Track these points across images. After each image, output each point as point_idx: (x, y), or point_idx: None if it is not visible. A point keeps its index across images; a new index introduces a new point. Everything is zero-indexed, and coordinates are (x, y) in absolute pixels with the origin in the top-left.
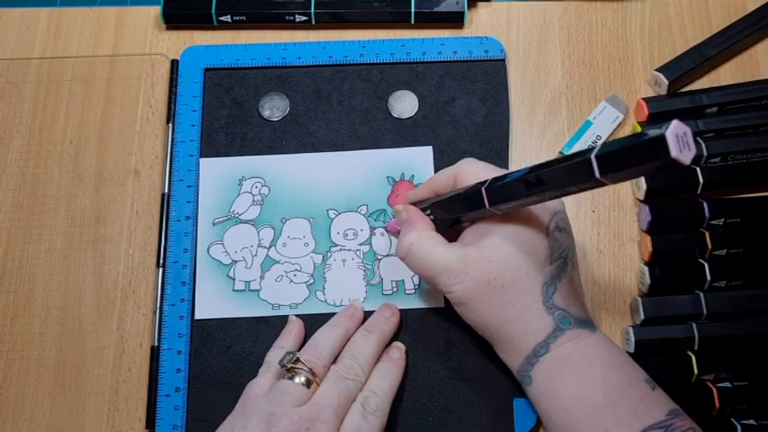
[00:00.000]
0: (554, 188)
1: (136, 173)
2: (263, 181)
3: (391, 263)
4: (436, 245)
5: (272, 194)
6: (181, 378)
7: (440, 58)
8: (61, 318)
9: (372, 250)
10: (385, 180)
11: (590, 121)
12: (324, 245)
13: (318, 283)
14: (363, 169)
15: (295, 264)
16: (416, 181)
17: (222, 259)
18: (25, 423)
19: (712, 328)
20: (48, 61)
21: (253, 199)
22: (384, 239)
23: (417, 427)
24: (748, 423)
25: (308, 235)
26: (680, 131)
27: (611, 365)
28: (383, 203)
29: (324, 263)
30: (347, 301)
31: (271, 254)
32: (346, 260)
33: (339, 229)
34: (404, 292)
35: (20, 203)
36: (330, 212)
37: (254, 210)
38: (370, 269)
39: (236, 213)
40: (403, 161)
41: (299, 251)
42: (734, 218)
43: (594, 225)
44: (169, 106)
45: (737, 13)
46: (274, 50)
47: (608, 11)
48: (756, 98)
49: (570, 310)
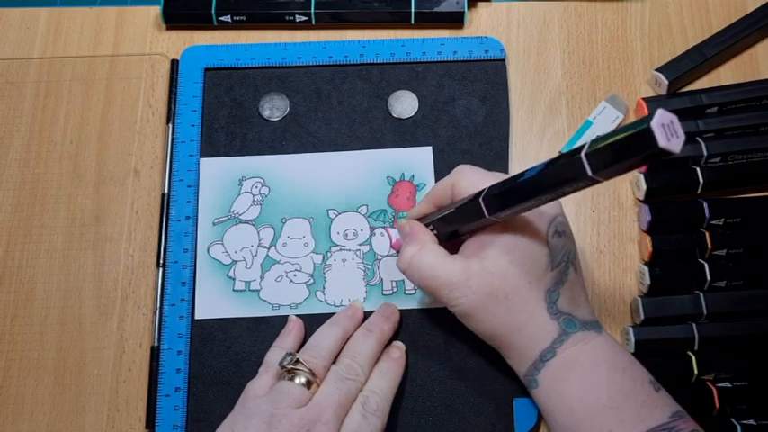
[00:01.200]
0: (550, 191)
1: (136, 173)
2: (263, 181)
3: (391, 263)
4: (438, 257)
5: (272, 194)
6: (181, 378)
7: (440, 58)
8: (61, 318)
9: (372, 250)
10: (385, 180)
11: (590, 121)
12: (324, 245)
13: (318, 283)
14: (363, 169)
15: (295, 264)
16: (416, 181)
17: (222, 259)
18: (25, 423)
19: (712, 328)
20: (48, 61)
21: (253, 199)
22: (384, 240)
23: (417, 427)
24: (748, 423)
25: (307, 235)
26: (665, 120)
27: (615, 367)
28: (383, 204)
29: (324, 263)
30: (347, 301)
31: (271, 254)
32: (346, 260)
33: (339, 229)
34: (404, 292)
35: (20, 203)
36: (330, 212)
37: (254, 210)
38: (370, 269)
39: (236, 213)
40: (403, 161)
41: (299, 251)
42: (734, 218)
43: (594, 225)
44: (169, 106)
45: (737, 13)
46: (274, 50)
47: (608, 11)
48: (756, 98)
49: (576, 313)
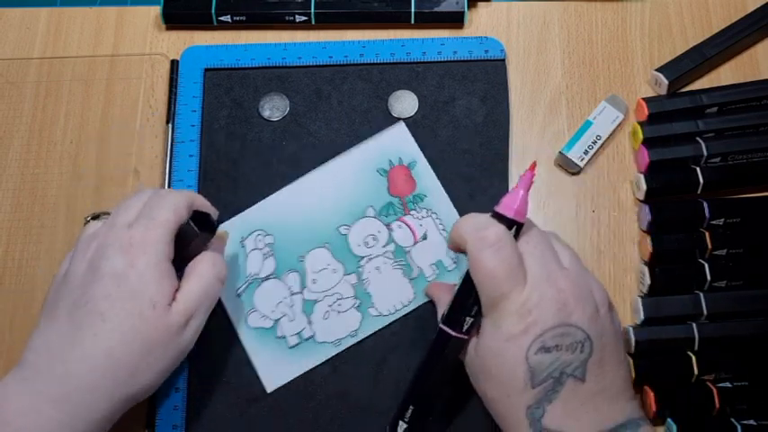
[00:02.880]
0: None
1: (136, 173)
2: (263, 231)
3: (421, 249)
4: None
5: (278, 240)
6: (181, 378)
7: (440, 58)
8: None
9: (398, 246)
10: (377, 174)
11: (590, 121)
12: (351, 263)
13: (366, 301)
14: (352, 173)
15: (334, 294)
16: (406, 161)
17: (264, 324)
18: None
19: (712, 328)
20: (48, 61)
21: (262, 254)
22: (404, 231)
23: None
24: (748, 423)
25: (331, 261)
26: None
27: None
28: (386, 197)
29: (360, 280)
30: (400, 304)
31: (306, 296)
32: (380, 267)
33: (357, 240)
34: (447, 271)
35: (20, 203)
36: (341, 229)
37: (269, 263)
38: (406, 265)
39: (253, 275)
40: (385, 148)
41: (332, 280)
42: (734, 218)
43: (594, 225)
44: (169, 106)
45: (737, 13)
46: (274, 50)
47: (608, 11)
48: (756, 98)
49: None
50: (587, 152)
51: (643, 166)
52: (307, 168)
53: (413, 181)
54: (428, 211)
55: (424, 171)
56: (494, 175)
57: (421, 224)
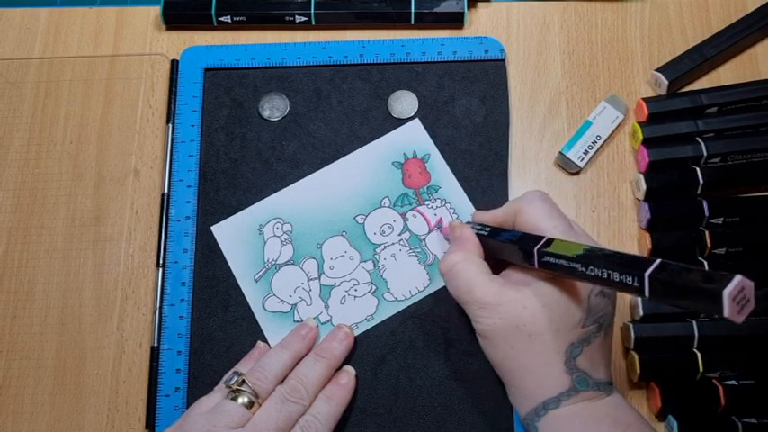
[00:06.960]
0: (598, 282)
1: (136, 173)
2: (282, 219)
3: (435, 237)
4: (478, 273)
5: (296, 228)
6: (181, 378)
7: (440, 59)
8: (61, 318)
9: (413, 234)
10: (392, 166)
11: (590, 122)
12: (368, 251)
13: (382, 287)
14: (368, 166)
15: (351, 280)
16: (420, 155)
17: (281, 309)
18: (25, 423)
19: (712, 325)
20: (48, 61)
21: (280, 240)
22: (419, 220)
23: (417, 427)
24: (749, 421)
25: (348, 249)
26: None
27: (617, 423)
28: (401, 188)
29: (376, 267)
30: (415, 290)
31: (323, 282)
32: (395, 254)
33: (374, 229)
34: None
35: (20, 203)
36: (358, 218)
37: (287, 250)
38: (421, 252)
39: (272, 261)
40: (400, 142)
41: (349, 267)
42: (733, 217)
43: (594, 225)
44: (169, 106)
45: (737, 13)
46: (274, 50)
47: (608, 11)
48: (756, 98)
49: (592, 373)
50: (587, 152)
51: (643, 166)
52: (306, 168)
53: (427, 173)
54: (442, 201)
55: (438, 164)
56: (493, 176)
57: (435, 213)
